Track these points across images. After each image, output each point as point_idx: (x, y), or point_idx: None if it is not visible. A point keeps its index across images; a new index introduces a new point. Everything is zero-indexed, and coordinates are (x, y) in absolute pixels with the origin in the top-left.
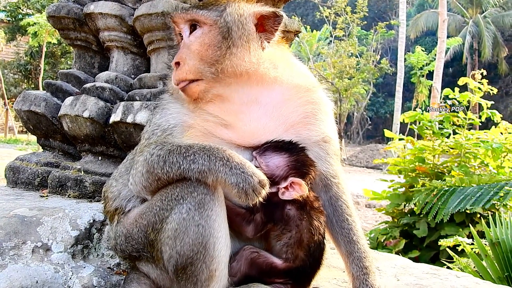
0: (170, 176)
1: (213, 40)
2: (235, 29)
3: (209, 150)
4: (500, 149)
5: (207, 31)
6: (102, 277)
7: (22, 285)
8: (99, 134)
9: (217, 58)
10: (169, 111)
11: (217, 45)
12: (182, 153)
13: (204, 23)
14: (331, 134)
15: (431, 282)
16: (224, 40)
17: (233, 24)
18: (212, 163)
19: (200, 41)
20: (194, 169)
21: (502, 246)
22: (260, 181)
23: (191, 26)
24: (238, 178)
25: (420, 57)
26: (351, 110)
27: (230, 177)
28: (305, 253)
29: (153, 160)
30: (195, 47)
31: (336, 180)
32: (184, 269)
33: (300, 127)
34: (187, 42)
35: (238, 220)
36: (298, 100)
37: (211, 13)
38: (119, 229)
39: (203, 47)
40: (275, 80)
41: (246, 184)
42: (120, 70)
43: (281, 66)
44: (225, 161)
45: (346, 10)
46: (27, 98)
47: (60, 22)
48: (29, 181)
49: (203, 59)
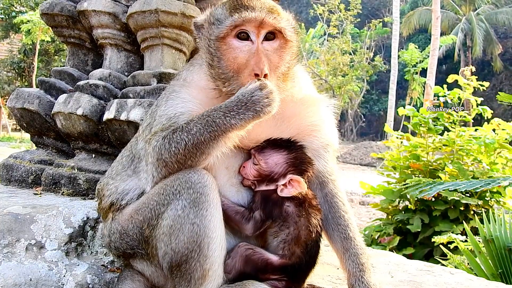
0: (178, 156)
1: (287, 56)
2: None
3: (208, 115)
4: (493, 145)
5: (285, 46)
6: (96, 275)
7: (15, 282)
8: (92, 131)
9: (286, 74)
10: (177, 100)
11: (289, 62)
12: (184, 129)
13: (284, 37)
14: (332, 140)
15: (425, 279)
16: (293, 60)
17: (296, 41)
18: (219, 122)
19: (279, 54)
20: (207, 138)
21: (496, 242)
22: (261, 88)
23: (268, 33)
24: (248, 110)
25: (413, 54)
26: (345, 107)
27: (243, 116)
28: (302, 250)
29: (160, 145)
30: (275, 59)
31: (332, 177)
32: (178, 266)
33: (305, 135)
34: (262, 49)
35: (237, 218)
36: (306, 114)
37: (291, 28)
38: (113, 226)
39: (281, 60)
40: (290, 95)
41: (257, 105)
42: (113, 67)
43: (295, 81)
44: (228, 111)
45: (340, 7)
46: (21, 96)
47: (54, 20)
48: (23, 179)
49: (278, 73)
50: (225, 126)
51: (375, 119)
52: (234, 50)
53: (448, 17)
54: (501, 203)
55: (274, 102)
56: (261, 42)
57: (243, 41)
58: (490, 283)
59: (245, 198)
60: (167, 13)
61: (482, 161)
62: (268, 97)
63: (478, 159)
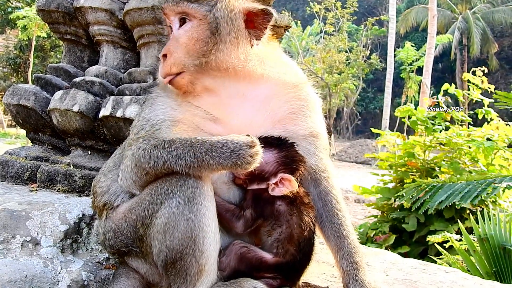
0: (158, 170)
1: (201, 35)
2: (224, 25)
3: (192, 144)
4: (492, 148)
5: (196, 25)
6: (91, 272)
7: (11, 279)
8: (88, 128)
9: (203, 52)
10: (158, 105)
11: (204, 40)
12: (165, 148)
13: (194, 16)
14: (319, 129)
15: (420, 277)
16: (212, 36)
17: (222, 19)
18: (199, 156)
19: (188, 35)
20: (182, 165)
21: (490, 241)
22: (250, 145)
23: (181, 19)
24: (229, 159)
25: (409, 52)
26: (341, 105)
27: (223, 161)
28: (295, 248)
29: (140, 154)
30: (183, 40)
31: (326, 174)
32: (173, 263)
33: (287, 122)
34: (176, 35)
35: (228, 216)
36: (285, 96)
37: (202, 7)
38: (108, 224)
39: (190, 41)
40: (261, 77)
41: (240, 159)
42: (110, 64)
43: (269, 63)
44: (210, 151)
45: (336, 5)
46: (17, 92)
47: (50, 16)
48: (18, 175)
49: (189, 53)
50: (202, 162)
51: (371, 117)
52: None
53: (444, 16)
54: (497, 204)
55: (256, 162)
56: (177, 29)
57: (170, 33)
58: (484, 282)
59: (236, 196)
60: None
61: (479, 161)
62: (253, 156)
63: (476, 159)
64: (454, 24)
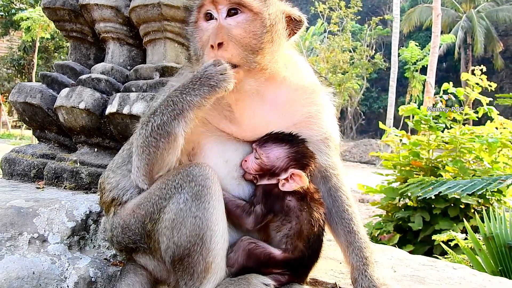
0: (158, 134)
1: (258, 30)
2: (275, 23)
3: (169, 96)
4: (496, 144)
5: (252, 19)
6: (98, 268)
7: (18, 276)
8: (95, 125)
9: (258, 49)
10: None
11: (260, 36)
12: (156, 113)
13: (250, 9)
14: (332, 132)
15: (427, 274)
16: (267, 33)
17: (275, 17)
18: (176, 100)
19: (244, 27)
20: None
21: (496, 240)
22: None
23: (230, 9)
24: (202, 86)
25: (413, 52)
26: (345, 105)
27: (198, 92)
28: (304, 244)
29: (142, 131)
30: (238, 32)
31: (335, 171)
32: (181, 260)
33: (303, 126)
34: (225, 24)
35: (238, 212)
36: (303, 101)
37: (258, 1)
38: (115, 220)
39: (248, 34)
40: (284, 80)
41: (212, 80)
42: (116, 61)
43: (291, 66)
44: (184, 90)
45: (340, 4)
46: (23, 90)
47: (56, 14)
48: (25, 173)
49: (246, 47)
50: (182, 104)
51: (375, 117)
52: (202, 31)
53: (448, 15)
54: (502, 202)
55: (230, 77)
56: (224, 18)
57: (209, 21)
58: (493, 278)
59: (246, 192)
60: (169, 7)
61: (484, 159)
62: (223, 73)
63: (480, 158)
64: (458, 23)
